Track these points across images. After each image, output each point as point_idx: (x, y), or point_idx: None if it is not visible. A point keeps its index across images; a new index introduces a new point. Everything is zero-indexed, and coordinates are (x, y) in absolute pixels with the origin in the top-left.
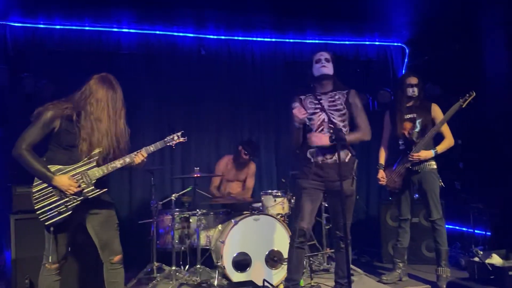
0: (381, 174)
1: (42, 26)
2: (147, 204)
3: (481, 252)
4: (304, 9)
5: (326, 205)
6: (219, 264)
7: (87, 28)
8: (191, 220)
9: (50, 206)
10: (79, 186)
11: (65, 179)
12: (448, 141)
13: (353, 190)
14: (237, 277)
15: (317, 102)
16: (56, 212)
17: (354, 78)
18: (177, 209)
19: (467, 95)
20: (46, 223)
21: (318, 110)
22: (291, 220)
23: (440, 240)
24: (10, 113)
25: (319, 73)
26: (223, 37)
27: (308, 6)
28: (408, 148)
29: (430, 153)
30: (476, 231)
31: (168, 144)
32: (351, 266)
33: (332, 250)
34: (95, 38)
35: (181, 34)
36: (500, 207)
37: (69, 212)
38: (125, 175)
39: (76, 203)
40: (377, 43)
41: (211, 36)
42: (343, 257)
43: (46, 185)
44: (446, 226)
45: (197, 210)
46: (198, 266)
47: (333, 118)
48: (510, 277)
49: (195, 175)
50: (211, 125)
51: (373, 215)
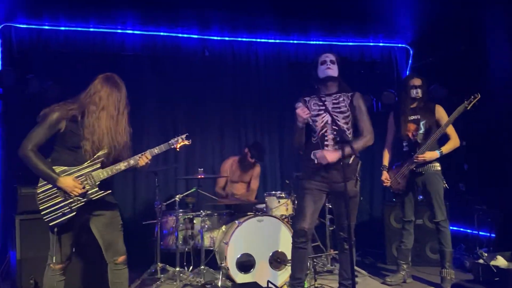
0: (385, 176)
1: (47, 28)
2: (151, 205)
3: (486, 254)
4: (308, 10)
5: (330, 206)
6: (223, 265)
7: (92, 30)
8: (195, 221)
9: (55, 207)
10: (84, 188)
11: (70, 181)
12: (454, 142)
13: (357, 191)
14: (241, 278)
15: (322, 104)
16: (60, 213)
17: (358, 80)
18: (181, 210)
19: (472, 97)
20: (50, 224)
21: (322, 112)
22: (295, 218)
23: (445, 242)
24: (15, 114)
25: (324, 75)
26: (227, 38)
27: (312, 7)
28: (412, 150)
29: (436, 154)
30: (481, 233)
31: (173, 147)
32: (355, 268)
33: (336, 252)
34: (100, 39)
35: (185, 36)
36: (505, 209)
37: (73, 213)
38: (129, 176)
39: (80, 205)
40: (381, 44)
41: (215, 38)
42: (347, 259)
43: (51, 186)
44: (451, 228)
45: (201, 211)
46: (202, 267)
47: (337, 121)
48: None
49: (199, 176)
50: (215, 126)
51: (377, 217)
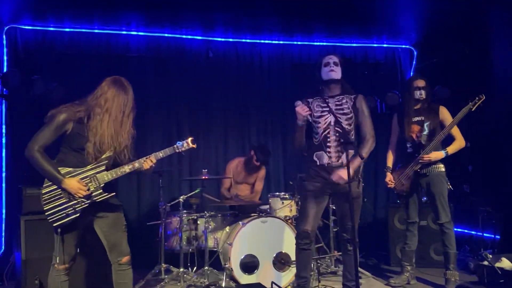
0: (389, 177)
1: (52, 29)
2: (155, 206)
3: (491, 256)
4: (312, 12)
5: (334, 208)
6: (227, 266)
7: (97, 31)
8: (199, 222)
9: (59, 208)
10: (88, 190)
11: (75, 182)
12: (459, 142)
13: (359, 192)
14: (245, 279)
15: (325, 105)
16: (64, 214)
17: (362, 81)
18: (185, 211)
19: (477, 99)
20: (54, 225)
21: (325, 113)
22: (298, 220)
23: (449, 243)
24: (20, 115)
25: (328, 77)
26: (231, 40)
27: (316, 9)
28: (416, 151)
29: (441, 154)
30: (485, 235)
31: (178, 151)
32: (359, 269)
33: (340, 253)
34: (104, 41)
35: (190, 37)
36: (509, 210)
37: (77, 215)
38: (134, 177)
39: (84, 206)
40: (385, 45)
41: (219, 39)
42: (351, 260)
43: (56, 187)
44: (455, 229)
45: (205, 212)
46: (206, 268)
47: (340, 122)
48: None
49: (203, 177)
50: (219, 127)
51: (381, 218)
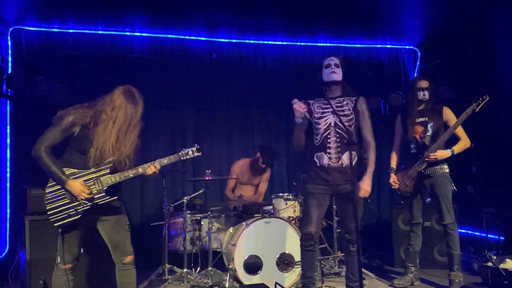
0: (393, 179)
1: (56, 30)
2: (159, 207)
3: (495, 257)
4: (315, 12)
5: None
6: (231, 267)
7: (100, 32)
8: (203, 223)
9: (61, 208)
10: (91, 193)
11: (78, 184)
12: (464, 142)
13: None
14: (248, 280)
15: (325, 106)
16: (66, 215)
17: (366, 81)
18: (189, 212)
19: (480, 99)
20: (55, 224)
21: (326, 115)
22: (301, 222)
23: (453, 245)
24: (25, 116)
25: (329, 79)
26: (235, 41)
27: (320, 10)
28: (420, 152)
29: (447, 153)
30: (490, 236)
31: (183, 158)
32: (362, 270)
33: (343, 254)
34: (108, 42)
35: (193, 38)
36: None
37: (78, 216)
38: (138, 178)
39: (86, 208)
40: (389, 46)
41: (223, 40)
42: (353, 261)
43: (59, 187)
44: (459, 231)
45: (209, 213)
46: (210, 269)
47: (340, 123)
48: None
49: (207, 178)
50: (222, 128)
51: (385, 219)
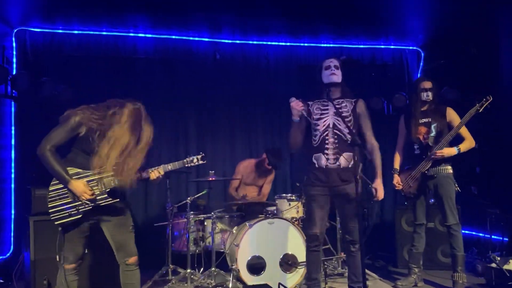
0: (397, 179)
1: (61, 31)
2: (163, 207)
3: (499, 258)
4: (319, 13)
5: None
6: (234, 267)
7: (104, 33)
8: (206, 223)
9: (62, 207)
10: (93, 194)
11: (81, 185)
12: (469, 142)
13: (358, 193)
14: (252, 280)
15: (325, 108)
16: (67, 214)
17: (369, 82)
18: (192, 212)
19: (484, 100)
20: (56, 223)
21: (324, 116)
22: (305, 224)
23: (456, 246)
24: (29, 117)
25: (329, 81)
26: (238, 42)
27: (323, 10)
28: (424, 153)
29: (453, 151)
30: (493, 237)
31: (187, 165)
32: (366, 271)
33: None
34: (112, 43)
35: (196, 39)
36: None
37: (79, 216)
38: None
39: (87, 208)
40: (392, 47)
41: (226, 41)
42: (355, 262)
43: (62, 186)
44: (463, 232)
45: (212, 213)
46: (213, 269)
47: (339, 125)
48: None
49: (210, 179)
50: (225, 129)
51: (388, 220)
